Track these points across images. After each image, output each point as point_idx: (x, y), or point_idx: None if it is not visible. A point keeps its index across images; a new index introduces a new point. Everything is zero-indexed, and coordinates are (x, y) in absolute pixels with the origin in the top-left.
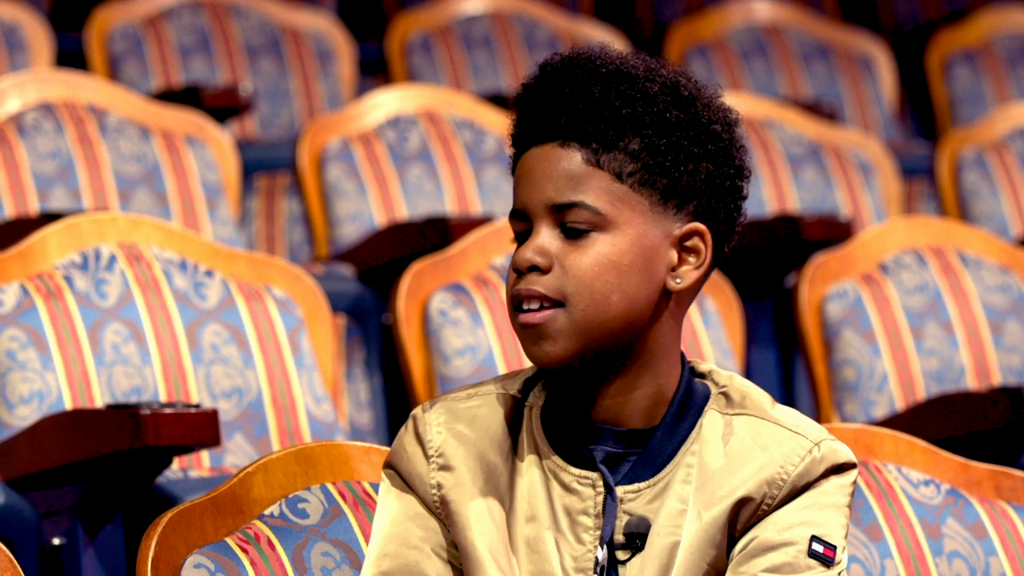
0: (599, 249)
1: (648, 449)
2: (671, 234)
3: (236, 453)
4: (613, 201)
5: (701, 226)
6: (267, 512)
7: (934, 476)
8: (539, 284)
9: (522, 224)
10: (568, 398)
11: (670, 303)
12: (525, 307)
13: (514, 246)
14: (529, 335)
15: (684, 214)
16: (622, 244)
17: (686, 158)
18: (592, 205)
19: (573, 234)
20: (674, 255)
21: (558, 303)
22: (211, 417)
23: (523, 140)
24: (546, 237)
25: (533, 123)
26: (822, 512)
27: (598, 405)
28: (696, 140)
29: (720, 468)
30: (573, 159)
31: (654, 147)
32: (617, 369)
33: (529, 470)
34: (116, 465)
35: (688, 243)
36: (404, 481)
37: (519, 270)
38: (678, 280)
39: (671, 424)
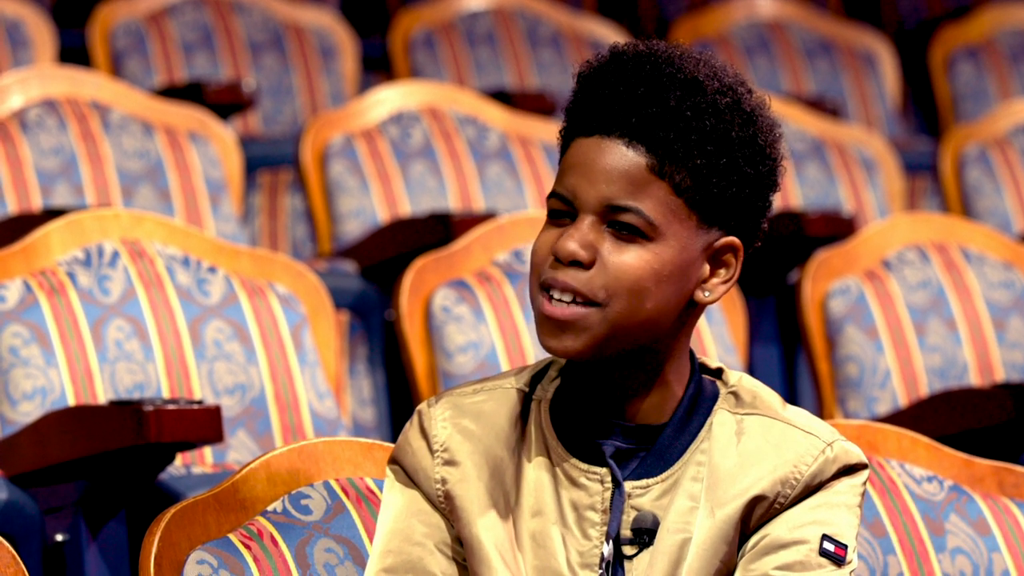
0: (644, 256)
1: (658, 445)
2: (708, 247)
3: (239, 449)
4: (666, 213)
5: (737, 241)
6: (270, 508)
7: (937, 472)
8: (576, 280)
9: (565, 206)
10: (579, 393)
11: (692, 311)
12: (556, 297)
13: (539, 226)
14: (552, 326)
15: (723, 229)
16: (666, 255)
17: (739, 179)
18: (647, 215)
19: (621, 236)
20: (707, 268)
21: (591, 302)
22: (214, 413)
23: (584, 124)
24: (592, 231)
25: (600, 112)
26: (833, 512)
27: (609, 401)
28: (751, 160)
29: (733, 467)
30: (637, 163)
31: (715, 167)
32: (632, 367)
33: (536, 465)
34: (119, 461)
35: (722, 256)
36: (408, 476)
37: (559, 259)
38: (707, 293)
39: (681, 421)
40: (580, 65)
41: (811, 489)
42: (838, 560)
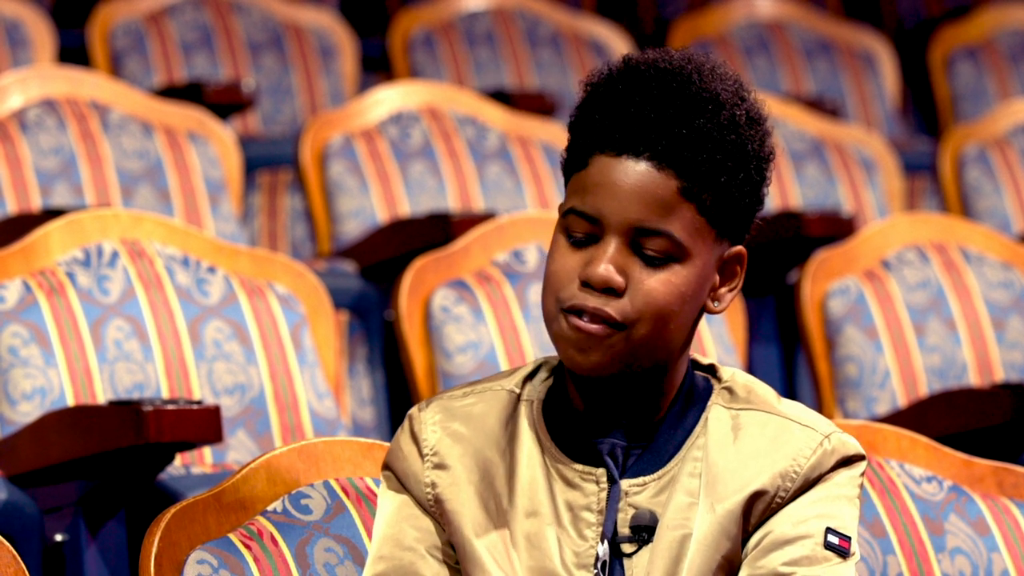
0: (672, 279)
1: (654, 442)
2: (720, 259)
3: (238, 449)
4: (692, 233)
5: (744, 250)
6: (270, 508)
7: (936, 472)
8: (609, 307)
9: (587, 226)
10: (573, 393)
11: (699, 318)
12: (584, 318)
13: (548, 236)
14: (577, 342)
15: (731, 239)
16: (691, 275)
17: (751, 189)
18: (678, 237)
19: (651, 259)
20: (717, 278)
21: (620, 326)
22: (213, 413)
23: (608, 141)
24: (621, 255)
25: (626, 132)
26: (834, 504)
27: (605, 401)
28: (760, 169)
29: (731, 463)
30: (668, 186)
31: (735, 183)
32: (638, 375)
33: (530, 466)
34: (119, 461)
35: (731, 266)
36: (400, 481)
37: (592, 284)
38: (717, 303)
39: (676, 417)
40: (591, 75)
41: (810, 482)
42: (843, 552)
